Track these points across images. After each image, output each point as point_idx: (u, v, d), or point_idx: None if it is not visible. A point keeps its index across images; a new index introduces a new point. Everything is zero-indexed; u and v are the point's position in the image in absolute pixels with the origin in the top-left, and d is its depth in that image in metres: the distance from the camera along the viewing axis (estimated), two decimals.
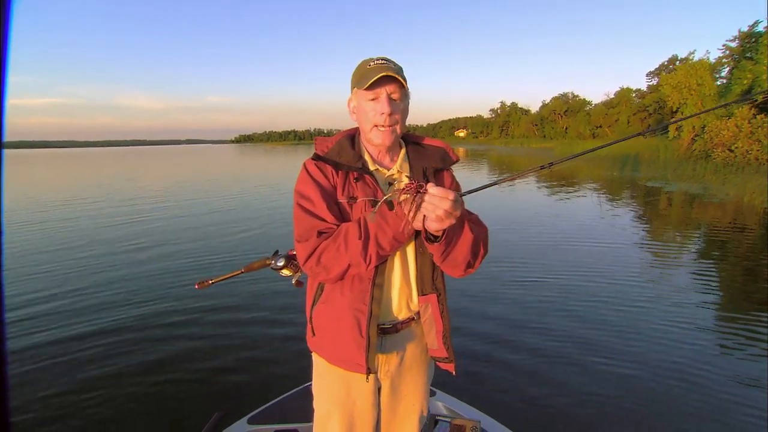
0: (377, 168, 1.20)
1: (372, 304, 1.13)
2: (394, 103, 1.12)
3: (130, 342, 3.76)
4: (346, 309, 1.15)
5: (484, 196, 8.83)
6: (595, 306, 4.41)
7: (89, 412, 2.78)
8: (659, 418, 2.68)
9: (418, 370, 1.32)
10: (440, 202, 0.91)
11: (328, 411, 1.28)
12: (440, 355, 1.26)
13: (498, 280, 5.17)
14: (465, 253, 1.08)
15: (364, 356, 1.14)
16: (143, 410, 2.81)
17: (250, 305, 4.55)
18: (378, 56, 1.14)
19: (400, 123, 1.15)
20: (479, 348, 3.50)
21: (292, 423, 1.93)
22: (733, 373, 3.17)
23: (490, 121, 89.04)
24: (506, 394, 2.92)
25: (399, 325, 1.23)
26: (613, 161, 24.16)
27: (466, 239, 1.07)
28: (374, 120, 1.13)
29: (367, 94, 1.12)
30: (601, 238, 7.31)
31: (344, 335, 1.16)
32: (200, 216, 10.26)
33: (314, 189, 1.12)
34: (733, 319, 4.16)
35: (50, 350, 3.60)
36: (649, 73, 43.51)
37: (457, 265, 1.11)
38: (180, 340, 3.80)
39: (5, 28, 0.41)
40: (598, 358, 3.39)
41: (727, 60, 22.76)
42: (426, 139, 1.31)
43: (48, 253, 6.87)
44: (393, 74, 1.08)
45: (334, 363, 1.22)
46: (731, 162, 16.89)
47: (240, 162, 42.00)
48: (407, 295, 1.21)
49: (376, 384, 1.27)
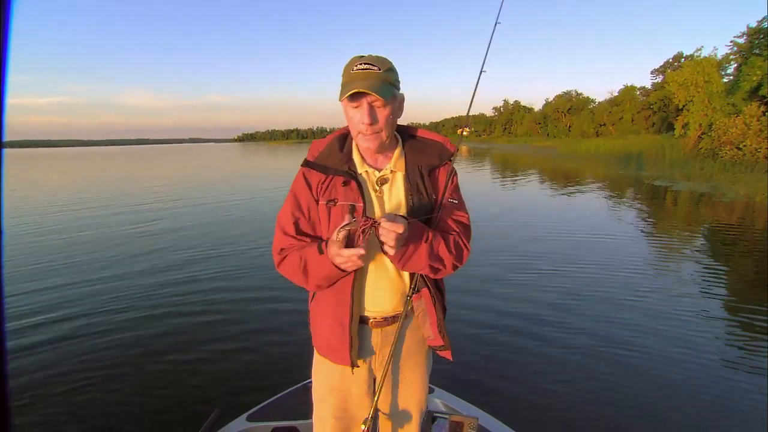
0: (366, 170, 1.20)
1: (353, 307, 1.17)
2: (375, 113, 1.11)
3: (128, 340, 3.75)
4: (330, 307, 1.21)
5: (485, 195, 8.66)
6: (594, 304, 4.38)
7: (86, 411, 2.77)
8: (658, 414, 2.67)
9: (415, 362, 1.33)
10: (389, 234, 1.00)
11: (324, 396, 1.33)
12: (436, 344, 1.30)
13: (495, 278, 5.16)
14: (424, 262, 1.12)
15: (348, 353, 1.20)
16: (141, 408, 2.80)
17: (249, 303, 4.55)
18: (366, 57, 1.10)
19: (384, 129, 1.14)
20: (477, 345, 3.49)
21: (290, 420, 1.93)
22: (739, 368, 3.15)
23: (493, 119, 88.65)
24: (504, 391, 2.92)
25: (391, 319, 1.24)
26: (617, 160, 23.91)
27: (421, 252, 1.11)
28: (357, 128, 1.14)
29: (349, 102, 1.10)
30: (606, 236, 7.13)
31: (330, 331, 1.22)
32: (197, 216, 10.11)
33: (294, 201, 1.21)
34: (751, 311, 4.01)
35: (47, 348, 3.59)
36: (654, 70, 42.95)
37: (420, 269, 1.16)
38: (178, 338, 3.79)
39: (5, 28, 0.41)
40: (597, 355, 3.37)
41: (735, 56, 22.32)
42: (423, 133, 1.29)
43: (47, 250, 6.73)
44: (365, 91, 1.04)
45: (325, 355, 1.29)
46: (739, 160, 16.58)
47: (249, 161, 41.87)
48: (399, 291, 1.23)
49: (370, 375, 1.30)
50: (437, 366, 1.43)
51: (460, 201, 1.25)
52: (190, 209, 11.18)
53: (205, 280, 5.36)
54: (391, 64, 1.12)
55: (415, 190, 1.19)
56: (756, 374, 3.10)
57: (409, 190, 1.19)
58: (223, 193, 14.43)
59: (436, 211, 1.19)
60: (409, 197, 1.18)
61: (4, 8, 0.41)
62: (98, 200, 13.34)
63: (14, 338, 3.77)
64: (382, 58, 1.12)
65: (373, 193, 1.19)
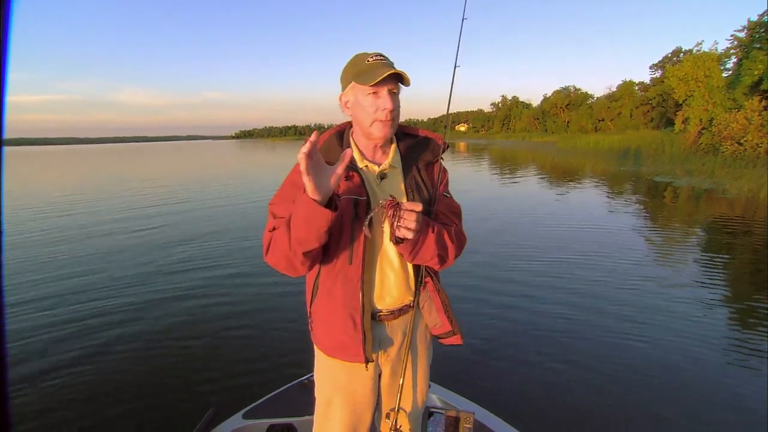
0: (366, 165, 1.21)
1: (364, 300, 1.17)
2: (395, 98, 1.15)
3: (122, 339, 3.71)
4: (340, 304, 1.18)
5: (488, 191, 8.54)
6: (592, 300, 4.34)
7: (82, 408, 2.75)
8: (657, 407, 2.65)
9: (419, 353, 1.35)
10: (411, 215, 1.01)
11: (330, 398, 1.30)
12: (443, 331, 1.30)
13: (489, 273, 5.16)
14: (432, 252, 1.13)
15: (362, 348, 1.18)
16: (136, 407, 2.77)
17: (244, 301, 4.52)
18: (373, 52, 1.16)
19: (397, 117, 1.18)
20: (474, 340, 3.47)
21: (287, 417, 1.92)
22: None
23: (491, 115, 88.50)
24: (502, 386, 2.91)
25: (397, 312, 1.25)
26: (617, 155, 23.80)
27: (429, 243, 1.12)
28: (375, 115, 1.14)
29: (366, 89, 1.13)
30: (606, 230, 6.98)
31: (341, 329, 1.19)
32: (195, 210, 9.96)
33: (289, 188, 1.18)
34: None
35: (44, 346, 3.58)
36: (653, 65, 42.78)
37: (428, 260, 1.16)
38: (174, 336, 3.76)
39: (5, 27, 0.41)
40: (595, 350, 3.37)
41: (736, 50, 22.15)
42: (416, 130, 1.33)
43: (43, 248, 6.57)
44: (400, 72, 1.10)
45: (333, 355, 1.25)
46: (740, 155, 16.47)
47: (249, 158, 41.64)
48: (404, 284, 1.24)
49: (376, 370, 1.29)
50: (433, 361, 1.43)
51: (450, 194, 1.31)
52: (183, 207, 10.98)
53: (198, 278, 5.29)
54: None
55: (414, 184, 1.23)
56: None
57: (407, 184, 1.22)
58: (222, 191, 14.25)
59: (434, 204, 1.22)
60: (408, 191, 1.21)
61: (4, 8, 0.40)
62: (96, 197, 13.15)
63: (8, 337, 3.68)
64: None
65: (374, 187, 1.20)
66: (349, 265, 1.16)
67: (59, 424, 2.62)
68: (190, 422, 1.97)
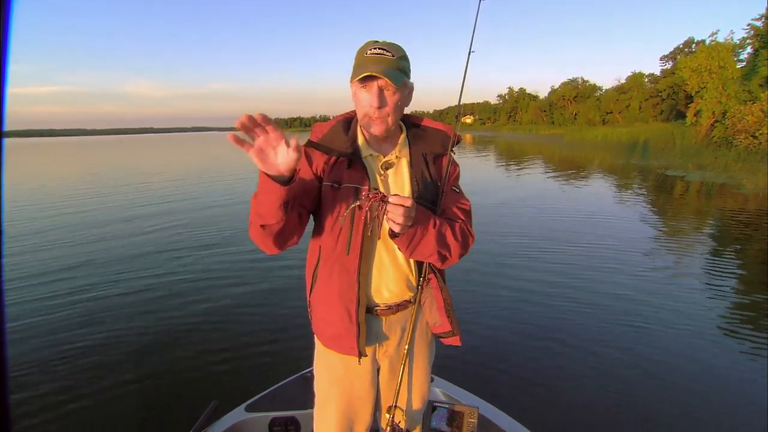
0: (371, 153, 1.19)
1: (359, 293, 1.15)
2: (384, 97, 1.10)
3: (125, 332, 3.69)
4: (336, 296, 1.17)
5: (492, 187, 8.31)
6: (597, 295, 4.28)
7: (83, 404, 2.74)
8: (662, 401, 2.64)
9: (419, 350, 1.32)
10: (397, 209, 0.97)
11: (328, 391, 1.30)
12: (443, 330, 1.27)
13: (494, 267, 5.09)
14: (431, 249, 1.10)
15: (355, 341, 1.17)
16: (139, 401, 2.77)
17: (246, 293, 4.49)
18: (381, 42, 1.12)
19: (391, 115, 1.13)
20: (478, 334, 3.46)
21: (289, 410, 1.92)
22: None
23: (497, 107, 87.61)
24: (505, 380, 2.89)
25: (396, 307, 1.23)
26: (626, 148, 23.37)
27: (429, 239, 1.09)
28: (365, 110, 1.13)
29: (358, 83, 1.11)
30: (619, 228, 6.74)
31: (336, 321, 1.18)
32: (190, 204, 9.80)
33: None
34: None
35: (42, 343, 3.53)
36: (664, 56, 41.84)
37: (427, 257, 1.14)
38: (175, 329, 3.74)
39: (6, 22, 0.42)
40: (599, 344, 3.33)
41: (752, 40, 21.47)
42: (427, 122, 1.29)
43: (44, 245, 6.47)
44: (377, 75, 1.05)
45: (329, 346, 1.25)
46: (755, 149, 16.00)
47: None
48: (405, 279, 1.22)
49: (374, 365, 1.28)
50: (436, 355, 1.41)
51: (461, 189, 1.26)
52: (184, 201, 10.87)
53: (201, 271, 5.25)
54: (404, 52, 1.13)
55: (420, 176, 1.18)
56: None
57: (413, 176, 1.18)
58: (223, 185, 14.09)
59: (439, 198, 1.18)
60: (414, 183, 1.17)
61: (4, 7, 0.40)
62: (95, 190, 13.05)
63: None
64: (396, 45, 1.12)
65: (378, 176, 1.18)
66: (347, 255, 1.13)
67: (61, 417, 2.62)
68: (192, 415, 1.97)
